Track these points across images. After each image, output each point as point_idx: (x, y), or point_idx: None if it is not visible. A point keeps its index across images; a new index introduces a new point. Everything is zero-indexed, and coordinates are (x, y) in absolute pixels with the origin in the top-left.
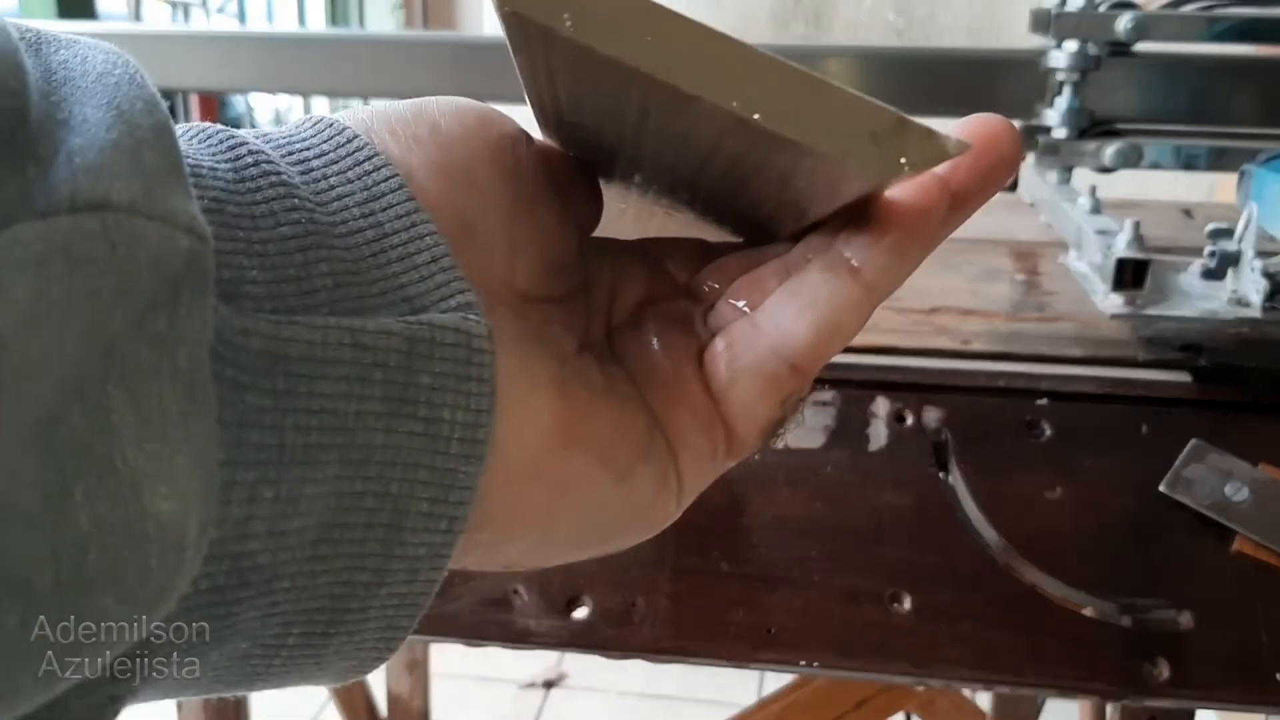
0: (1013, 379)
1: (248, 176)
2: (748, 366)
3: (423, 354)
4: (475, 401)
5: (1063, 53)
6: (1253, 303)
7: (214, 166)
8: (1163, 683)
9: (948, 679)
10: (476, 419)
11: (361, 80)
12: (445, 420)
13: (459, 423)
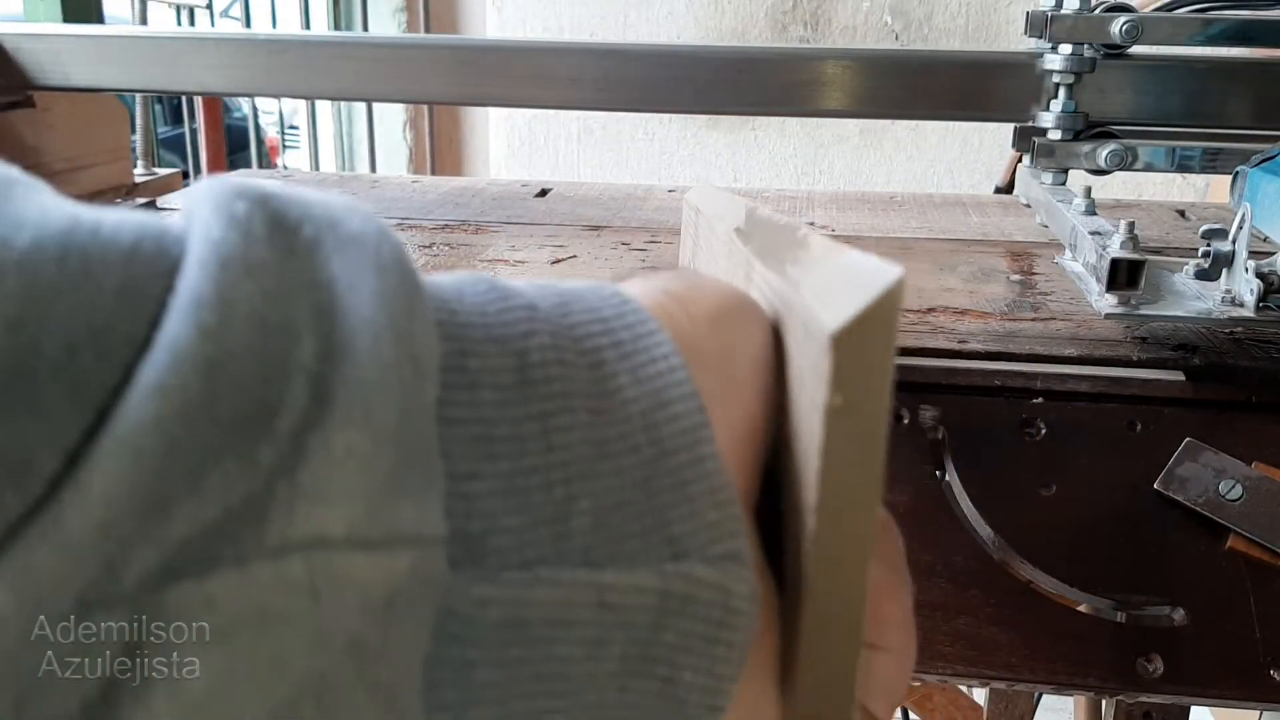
0: (1008, 378)
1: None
2: None
3: (674, 610)
4: (721, 667)
5: (1058, 55)
6: (1246, 303)
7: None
8: (1157, 679)
9: (944, 674)
10: (718, 684)
11: (365, 83)
12: (685, 682)
13: (699, 686)
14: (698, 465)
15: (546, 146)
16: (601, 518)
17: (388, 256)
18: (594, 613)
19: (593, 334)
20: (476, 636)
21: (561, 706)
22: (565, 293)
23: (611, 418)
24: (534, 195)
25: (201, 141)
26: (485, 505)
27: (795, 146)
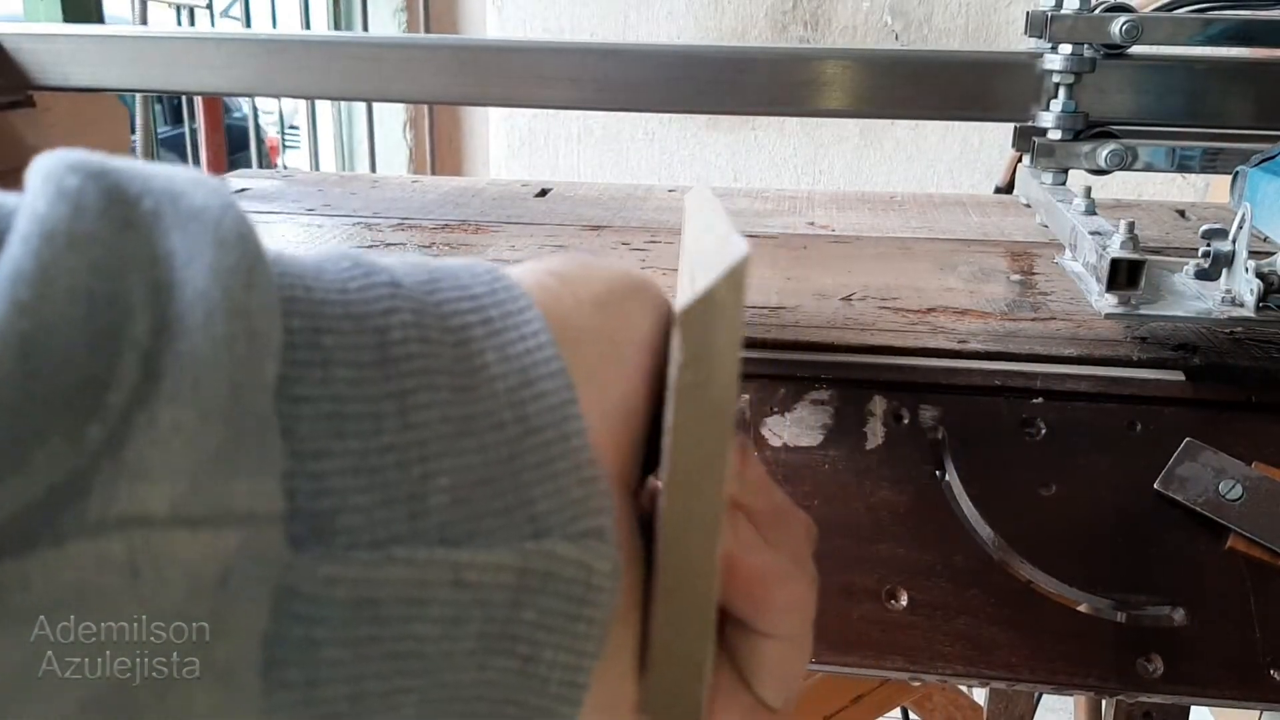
0: (1008, 378)
1: (390, 358)
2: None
3: (533, 588)
4: (583, 644)
5: (1058, 55)
6: (1246, 303)
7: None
8: (1157, 679)
9: (944, 675)
10: (580, 662)
11: (365, 83)
12: (546, 660)
13: (560, 664)
14: (564, 442)
15: (546, 146)
16: (461, 495)
17: (229, 230)
18: (450, 591)
19: (461, 311)
20: (323, 615)
21: (418, 686)
22: (436, 270)
23: (476, 395)
24: (534, 195)
25: (201, 142)
26: (335, 483)
27: (795, 146)
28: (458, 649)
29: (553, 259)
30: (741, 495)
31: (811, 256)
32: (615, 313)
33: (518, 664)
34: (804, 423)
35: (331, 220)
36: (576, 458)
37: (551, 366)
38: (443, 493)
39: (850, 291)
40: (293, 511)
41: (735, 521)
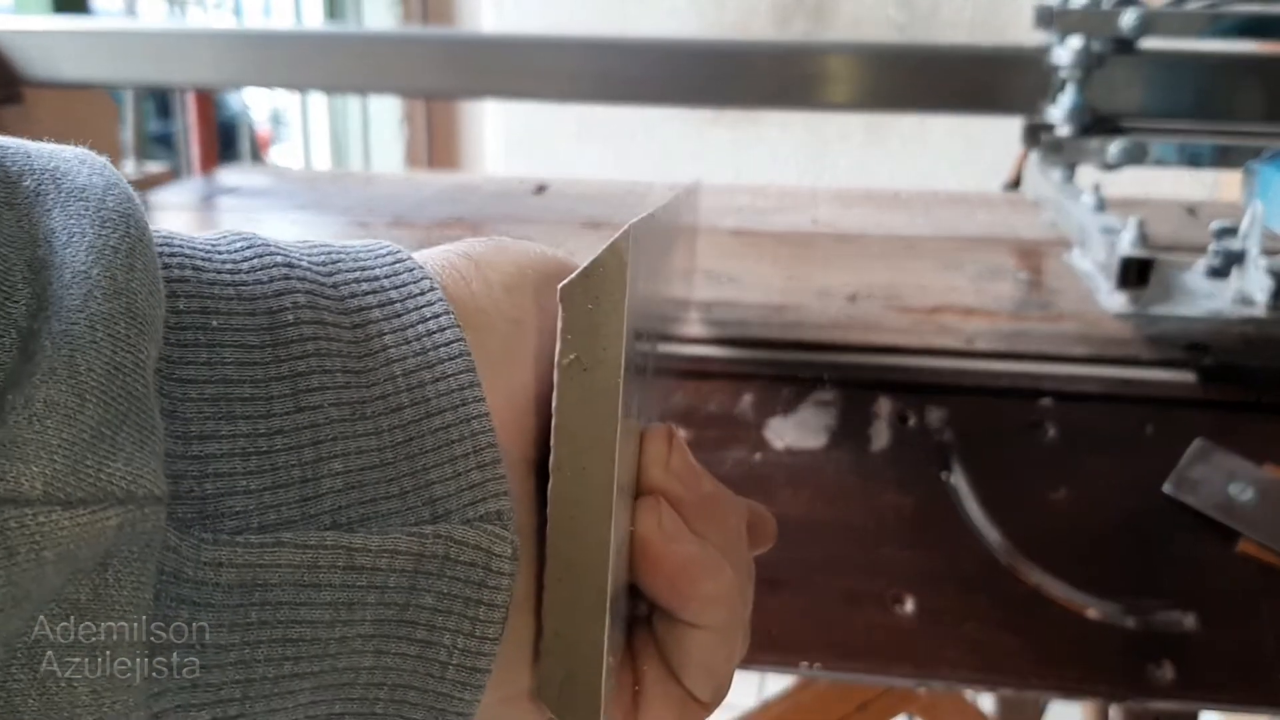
0: (1016, 379)
1: (282, 340)
2: None
3: (431, 572)
4: (482, 628)
5: (1066, 49)
6: (1258, 301)
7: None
8: (1167, 685)
9: (950, 681)
10: (479, 646)
11: (359, 76)
12: (444, 645)
13: (459, 649)
14: (463, 425)
15: (545, 142)
16: (354, 479)
17: (113, 209)
18: (343, 575)
19: (359, 293)
20: (209, 599)
21: (312, 671)
22: (337, 252)
23: (372, 378)
24: (532, 192)
25: (192, 137)
26: (222, 466)
27: (799, 142)
28: (353, 634)
29: (469, 241)
30: (667, 484)
31: (815, 254)
32: (525, 296)
33: (416, 649)
34: (807, 424)
35: (324, 218)
36: (477, 441)
37: (453, 349)
38: (335, 476)
39: (854, 290)
40: (178, 494)
41: (659, 510)
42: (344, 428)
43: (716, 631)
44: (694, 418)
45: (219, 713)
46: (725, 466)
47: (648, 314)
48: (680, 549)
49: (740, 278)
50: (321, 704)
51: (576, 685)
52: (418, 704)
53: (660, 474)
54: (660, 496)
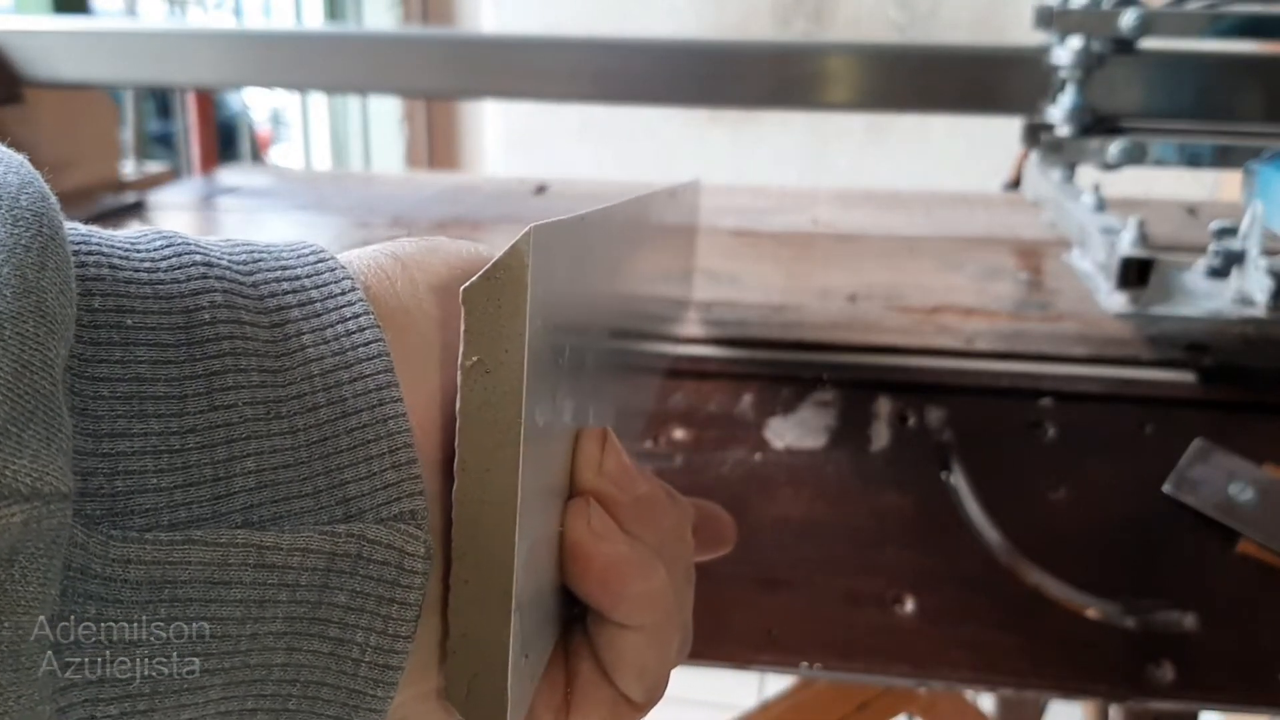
0: (1016, 379)
1: (197, 339)
2: None
3: (344, 571)
4: (394, 626)
5: (1066, 49)
6: (1258, 302)
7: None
8: (1167, 685)
9: (950, 681)
10: (392, 644)
11: (359, 76)
12: (357, 643)
13: (372, 646)
14: (380, 425)
15: (545, 142)
16: (267, 478)
17: (26, 208)
18: (254, 573)
19: (279, 292)
20: (117, 596)
21: (222, 667)
22: (259, 251)
23: (288, 377)
24: (532, 192)
25: (192, 137)
26: (133, 464)
27: (799, 142)
28: (264, 631)
29: (401, 241)
30: (599, 485)
31: (815, 254)
32: (452, 296)
33: (329, 646)
34: (807, 424)
35: (324, 218)
36: (393, 441)
37: (372, 349)
38: (248, 475)
39: (854, 290)
40: (87, 491)
41: (588, 511)
42: (258, 426)
43: (648, 632)
44: (694, 418)
45: (127, 708)
46: (725, 466)
47: (579, 312)
48: (609, 549)
49: (740, 278)
50: (233, 700)
51: (483, 686)
52: (330, 701)
53: (592, 476)
54: (590, 498)
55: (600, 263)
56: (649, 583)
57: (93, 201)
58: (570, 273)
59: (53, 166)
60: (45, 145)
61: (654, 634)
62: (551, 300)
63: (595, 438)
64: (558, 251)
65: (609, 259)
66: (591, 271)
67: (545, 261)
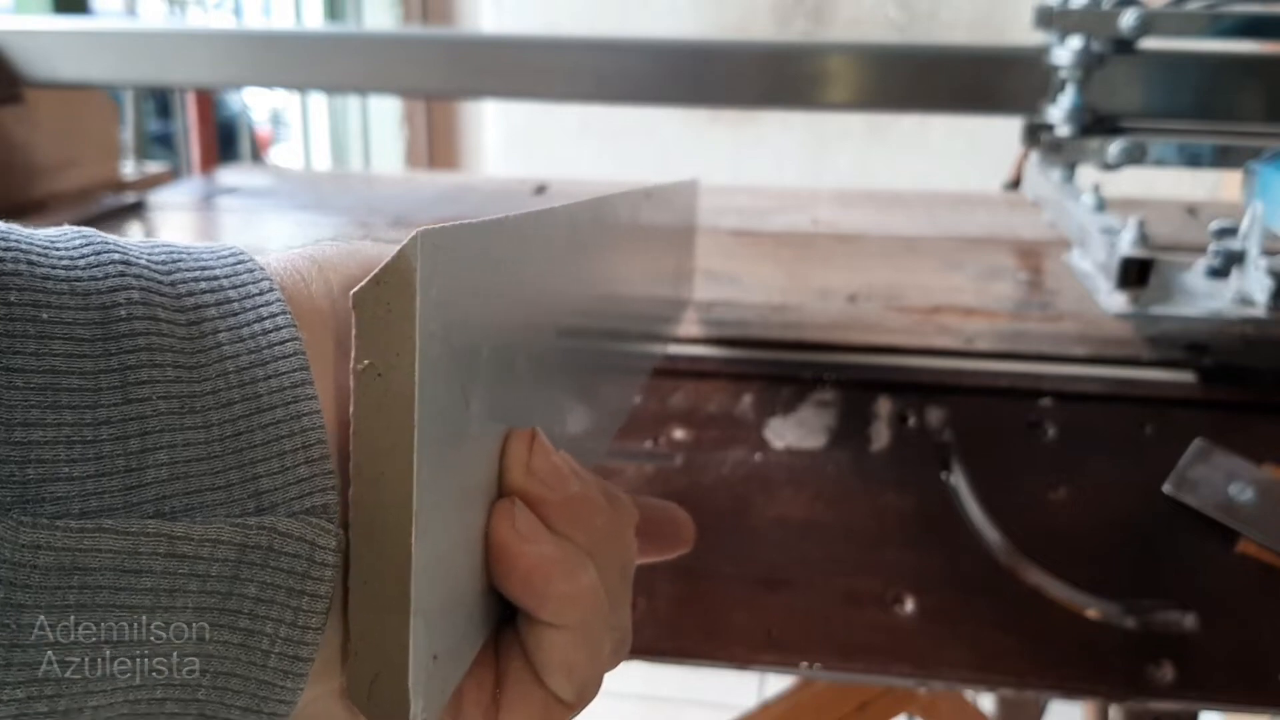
0: (1016, 379)
1: (113, 334)
2: None
3: (255, 562)
4: (304, 619)
5: (1066, 49)
6: (1258, 302)
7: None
8: (1167, 685)
9: (950, 681)
10: (302, 636)
11: (359, 76)
12: (266, 634)
13: (281, 638)
14: (294, 422)
15: (544, 142)
16: (180, 470)
17: None
18: (164, 562)
19: (197, 291)
20: (26, 581)
21: (133, 654)
22: (179, 251)
23: (203, 373)
24: (532, 192)
25: (192, 137)
26: (44, 453)
27: (799, 142)
28: (174, 620)
29: (322, 244)
30: (527, 485)
31: (815, 254)
32: None
33: (239, 637)
34: (807, 424)
35: (325, 218)
36: (306, 437)
37: (287, 348)
38: (161, 467)
39: (854, 290)
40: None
41: (513, 511)
42: (172, 420)
43: (576, 631)
44: (694, 418)
45: (34, 692)
46: (725, 467)
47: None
48: (534, 549)
49: (740, 278)
50: (142, 689)
51: (384, 688)
52: (240, 691)
53: (519, 476)
54: (516, 498)
55: (536, 264)
56: (576, 582)
57: (92, 201)
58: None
59: (52, 166)
60: (45, 145)
61: (583, 633)
62: (453, 301)
63: (523, 438)
64: (459, 254)
65: (551, 260)
66: (521, 273)
67: (440, 265)
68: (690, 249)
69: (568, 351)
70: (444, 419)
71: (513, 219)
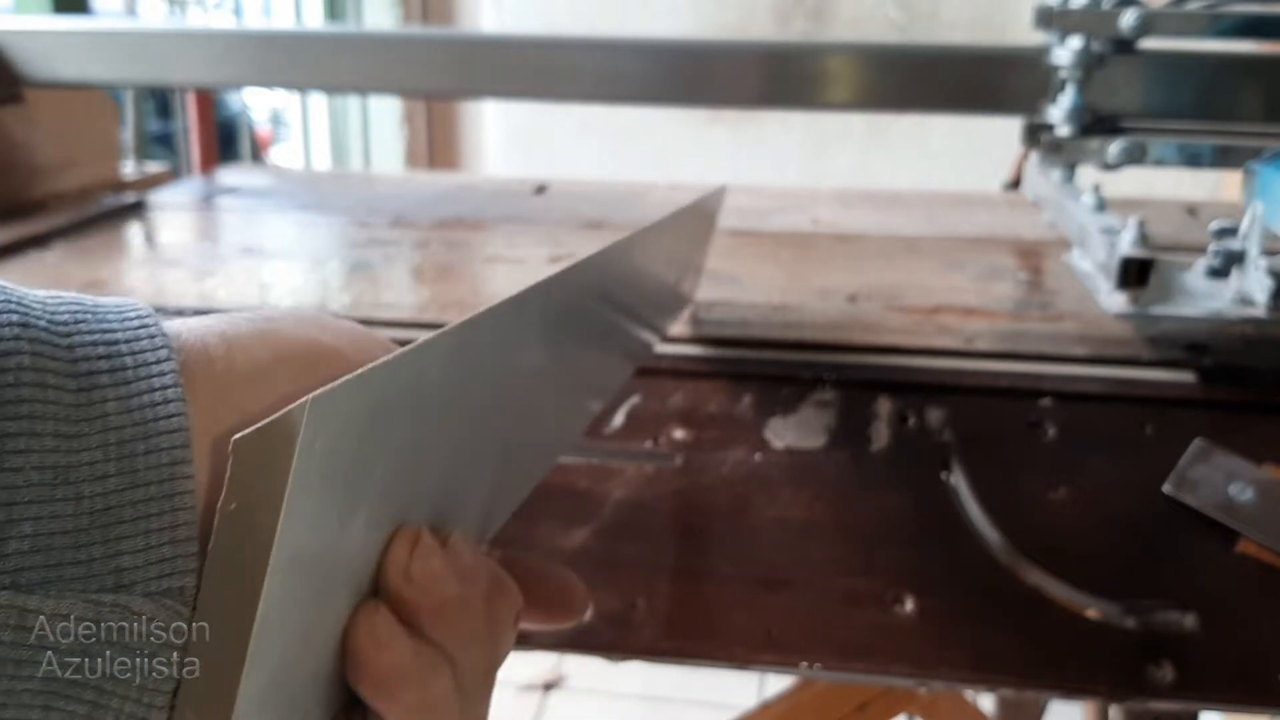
0: (1016, 379)
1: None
2: None
3: (105, 640)
4: (149, 697)
5: (1066, 49)
6: (1258, 302)
7: None
8: (1167, 685)
9: (950, 681)
10: (147, 714)
11: (359, 76)
12: (113, 709)
13: (126, 714)
14: (165, 500)
15: (544, 142)
16: (43, 543)
17: None
18: (14, 634)
19: (93, 356)
20: None
21: None
22: (84, 309)
23: (83, 444)
24: (532, 192)
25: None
26: None
27: (798, 142)
28: (20, 689)
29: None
30: (400, 589)
31: (815, 255)
32: (267, 385)
33: (86, 709)
34: (807, 424)
35: (325, 218)
36: (175, 518)
37: (173, 424)
38: (24, 539)
39: (854, 290)
40: None
41: (374, 617)
42: (42, 491)
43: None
44: (694, 418)
45: None
46: (725, 467)
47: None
48: (387, 658)
49: (741, 278)
50: None
51: None
52: None
53: (394, 578)
54: (381, 604)
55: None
56: (426, 690)
57: (92, 201)
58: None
59: (53, 166)
60: (45, 145)
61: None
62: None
63: (405, 541)
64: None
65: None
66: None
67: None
68: (701, 252)
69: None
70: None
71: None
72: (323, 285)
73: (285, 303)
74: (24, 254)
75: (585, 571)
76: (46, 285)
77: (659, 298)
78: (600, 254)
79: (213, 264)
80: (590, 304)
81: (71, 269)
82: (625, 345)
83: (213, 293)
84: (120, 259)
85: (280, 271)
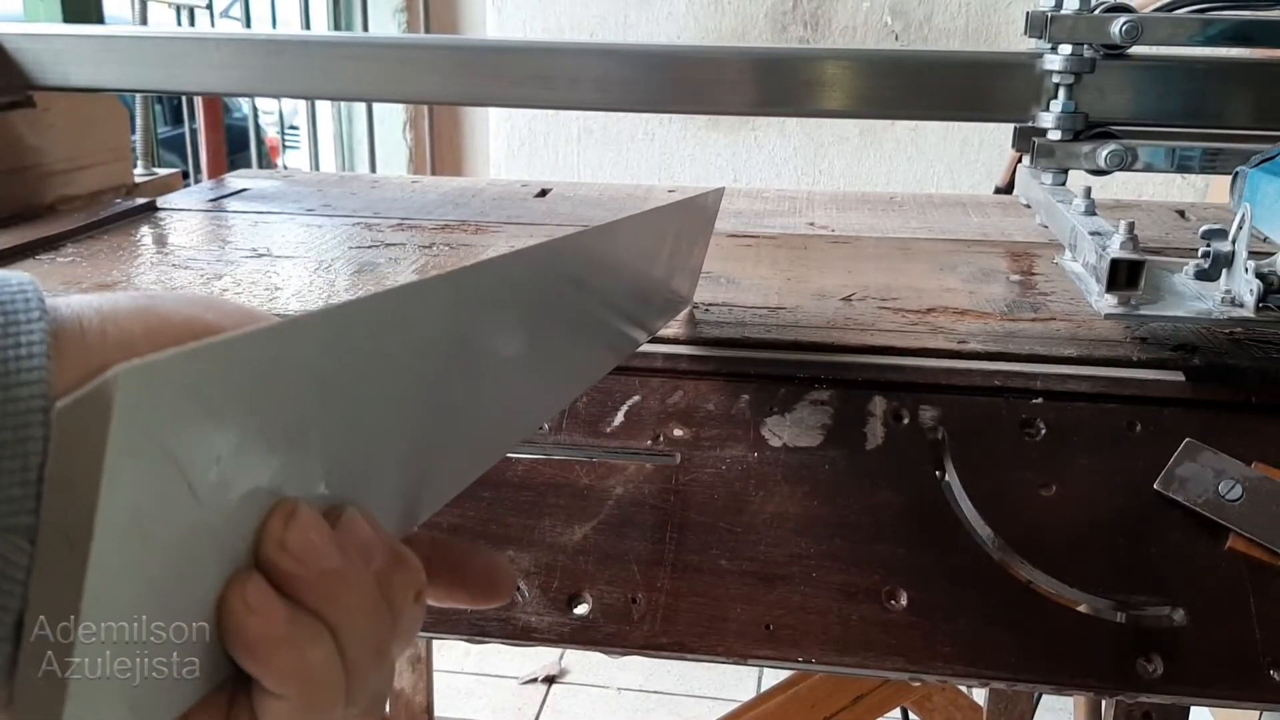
0: (1008, 378)
1: None
2: None
3: None
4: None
5: (1058, 55)
6: (1246, 303)
7: None
8: (1157, 679)
9: (944, 675)
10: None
11: (365, 83)
12: None
13: None
14: (19, 445)
15: (546, 147)
16: None
17: None
18: None
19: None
20: None
21: None
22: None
23: None
24: (534, 195)
25: (201, 142)
26: None
27: (795, 146)
28: None
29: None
30: (276, 559)
31: (811, 257)
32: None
33: None
34: (804, 423)
35: (331, 220)
36: (26, 460)
37: (33, 375)
38: None
39: (850, 292)
40: None
41: (246, 584)
42: None
43: (298, 703)
44: (693, 417)
45: None
46: (723, 465)
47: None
48: (257, 622)
49: (738, 279)
50: None
51: None
52: None
53: (270, 549)
54: (255, 571)
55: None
56: (301, 656)
57: (103, 205)
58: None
59: (64, 170)
60: (56, 149)
61: (306, 704)
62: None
63: (281, 513)
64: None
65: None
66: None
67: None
68: (699, 253)
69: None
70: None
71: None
72: (329, 286)
73: (293, 305)
74: (36, 256)
75: (586, 567)
76: (58, 287)
77: (645, 291)
78: (572, 237)
79: (222, 266)
80: (561, 287)
81: (83, 271)
82: (603, 335)
83: (222, 294)
84: (131, 261)
85: (288, 273)
